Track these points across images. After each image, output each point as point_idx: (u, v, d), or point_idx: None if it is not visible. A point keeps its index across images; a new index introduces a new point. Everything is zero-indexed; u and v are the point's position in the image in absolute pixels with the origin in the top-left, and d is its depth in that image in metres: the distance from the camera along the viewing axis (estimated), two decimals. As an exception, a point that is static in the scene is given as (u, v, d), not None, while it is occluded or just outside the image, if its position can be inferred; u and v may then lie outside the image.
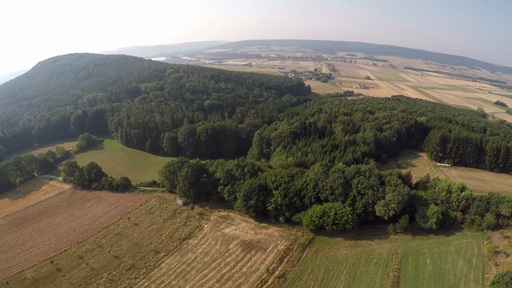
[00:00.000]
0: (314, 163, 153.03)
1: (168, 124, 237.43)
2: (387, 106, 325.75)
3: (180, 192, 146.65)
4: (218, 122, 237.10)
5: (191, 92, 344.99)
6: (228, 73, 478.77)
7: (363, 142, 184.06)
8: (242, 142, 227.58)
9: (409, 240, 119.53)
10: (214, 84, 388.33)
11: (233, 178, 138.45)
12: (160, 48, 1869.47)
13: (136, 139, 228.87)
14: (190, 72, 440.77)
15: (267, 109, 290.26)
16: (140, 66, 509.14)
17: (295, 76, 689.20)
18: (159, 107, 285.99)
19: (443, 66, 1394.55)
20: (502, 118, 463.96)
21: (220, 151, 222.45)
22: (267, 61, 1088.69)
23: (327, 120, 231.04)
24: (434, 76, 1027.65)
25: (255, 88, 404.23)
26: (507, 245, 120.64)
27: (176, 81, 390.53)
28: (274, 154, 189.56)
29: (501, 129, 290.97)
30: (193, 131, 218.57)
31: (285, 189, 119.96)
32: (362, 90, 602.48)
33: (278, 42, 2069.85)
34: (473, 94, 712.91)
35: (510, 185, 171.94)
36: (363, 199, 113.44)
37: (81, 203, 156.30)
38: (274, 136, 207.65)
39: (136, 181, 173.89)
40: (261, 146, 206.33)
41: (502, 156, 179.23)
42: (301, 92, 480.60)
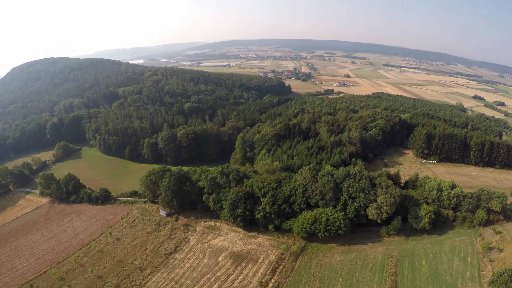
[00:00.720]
0: (301, 166, 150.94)
1: (148, 130, 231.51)
2: (370, 104, 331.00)
3: (163, 202, 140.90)
4: (199, 126, 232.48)
5: (170, 95, 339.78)
6: (207, 74, 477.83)
7: (349, 142, 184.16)
8: (224, 146, 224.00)
9: (403, 242, 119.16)
10: (194, 86, 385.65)
11: (218, 186, 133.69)
12: (138, 51, 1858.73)
13: (115, 147, 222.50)
14: (169, 74, 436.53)
15: (249, 111, 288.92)
16: (118, 70, 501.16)
17: (274, 76, 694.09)
18: (137, 112, 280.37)
19: (421, 62, 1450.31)
20: (481, 112, 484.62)
21: (202, 156, 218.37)
22: (246, 61, 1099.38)
23: (311, 120, 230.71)
24: (412, 72, 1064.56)
25: (235, 89, 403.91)
26: (500, 240, 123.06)
27: (154, 84, 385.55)
28: (259, 158, 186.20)
29: (482, 123, 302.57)
30: (173, 136, 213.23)
31: (273, 196, 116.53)
32: (342, 88, 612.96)
33: (256, 42, 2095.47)
34: (451, 89, 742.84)
35: (496, 179, 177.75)
36: (355, 203, 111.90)
37: (59, 218, 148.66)
38: (257, 139, 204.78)
39: (117, 192, 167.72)
40: (245, 150, 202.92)
41: (487, 150, 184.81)
42: (281, 92, 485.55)
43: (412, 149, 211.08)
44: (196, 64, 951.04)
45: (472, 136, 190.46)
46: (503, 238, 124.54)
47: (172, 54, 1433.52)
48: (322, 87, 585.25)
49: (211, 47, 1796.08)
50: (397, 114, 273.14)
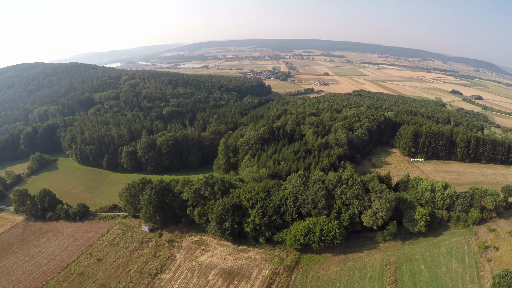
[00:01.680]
0: (288, 172, 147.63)
1: (126, 137, 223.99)
2: (353, 103, 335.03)
3: (145, 217, 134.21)
4: (180, 132, 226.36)
5: (148, 99, 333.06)
6: (186, 77, 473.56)
7: (336, 144, 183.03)
8: (206, 152, 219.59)
9: (400, 247, 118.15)
10: (172, 89, 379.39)
11: (202, 198, 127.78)
12: (115, 54, 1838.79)
13: (92, 156, 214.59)
14: (146, 78, 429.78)
15: (229, 113, 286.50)
16: (94, 74, 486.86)
17: (254, 76, 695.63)
18: (115, 118, 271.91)
19: (398, 59, 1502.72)
20: (460, 106, 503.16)
21: (183, 163, 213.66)
22: (224, 62, 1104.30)
23: (295, 122, 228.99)
24: (390, 69, 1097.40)
25: (215, 91, 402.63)
26: (495, 238, 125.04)
27: (132, 88, 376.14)
28: (243, 164, 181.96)
29: (463, 118, 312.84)
30: (153, 144, 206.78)
31: (263, 206, 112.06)
32: (322, 86, 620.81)
33: (234, 42, 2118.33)
34: (429, 84, 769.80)
35: (483, 175, 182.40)
36: (349, 210, 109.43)
37: (36, 238, 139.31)
38: (241, 143, 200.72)
39: (95, 206, 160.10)
40: (228, 155, 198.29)
41: (473, 146, 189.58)
42: (262, 93, 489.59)
43: (398, 147, 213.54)
44: (174, 66, 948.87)
45: (458, 132, 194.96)
46: (498, 235, 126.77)
47: (149, 56, 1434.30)
48: (302, 86, 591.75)
49: (189, 49, 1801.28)
50: (381, 112, 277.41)
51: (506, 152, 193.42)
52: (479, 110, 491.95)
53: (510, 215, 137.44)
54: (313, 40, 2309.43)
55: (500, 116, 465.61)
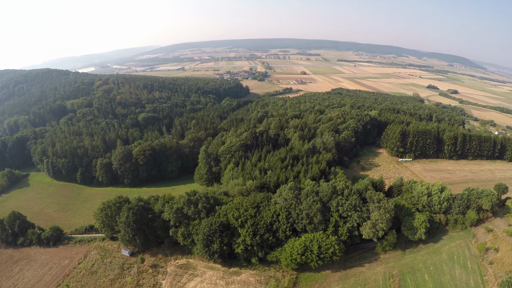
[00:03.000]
0: (277, 183, 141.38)
1: (100, 148, 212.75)
2: (334, 103, 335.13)
3: (124, 240, 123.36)
4: (157, 140, 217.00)
5: (123, 105, 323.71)
6: (161, 80, 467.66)
7: (324, 148, 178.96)
8: (186, 160, 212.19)
9: (401, 257, 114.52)
10: (148, 94, 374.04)
11: (186, 217, 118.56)
12: (88, 58, 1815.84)
13: (65, 170, 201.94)
14: (121, 82, 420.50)
15: (208, 117, 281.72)
16: (66, 81, 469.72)
17: (231, 77, 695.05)
18: (88, 127, 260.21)
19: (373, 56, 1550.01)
20: (437, 101, 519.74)
21: (162, 173, 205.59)
22: (200, 63, 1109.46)
23: (278, 126, 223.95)
24: (366, 66, 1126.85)
25: (192, 95, 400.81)
26: (493, 239, 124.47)
27: (105, 94, 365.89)
28: (226, 173, 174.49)
29: (444, 114, 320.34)
30: (129, 154, 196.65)
31: (253, 225, 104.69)
32: (300, 85, 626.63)
33: (210, 43, 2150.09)
34: (406, 80, 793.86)
35: (472, 172, 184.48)
36: (347, 224, 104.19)
37: (8, 268, 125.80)
38: (222, 151, 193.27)
39: (70, 227, 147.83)
40: (209, 164, 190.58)
41: (460, 143, 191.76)
42: (240, 94, 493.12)
43: (386, 147, 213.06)
44: (150, 69, 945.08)
45: (445, 130, 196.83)
46: (496, 236, 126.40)
47: (124, 60, 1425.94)
48: (280, 86, 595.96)
49: (164, 51, 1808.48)
50: (364, 111, 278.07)
51: (492, 148, 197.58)
52: (456, 104, 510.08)
53: (505, 213, 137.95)
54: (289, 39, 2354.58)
55: (476, 109, 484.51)
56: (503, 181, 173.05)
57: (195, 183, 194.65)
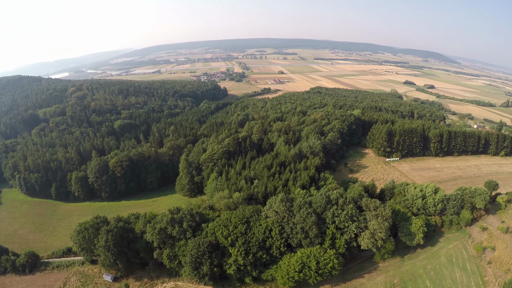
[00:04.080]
0: (265, 194, 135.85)
1: (74, 160, 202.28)
2: (316, 103, 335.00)
3: (105, 265, 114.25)
4: (134, 150, 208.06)
5: (97, 113, 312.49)
6: (137, 84, 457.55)
7: (311, 152, 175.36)
8: (166, 170, 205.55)
9: (400, 264, 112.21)
10: (123, 99, 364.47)
11: (170, 238, 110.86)
12: (62, 63, 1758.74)
13: (38, 186, 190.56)
14: (95, 88, 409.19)
15: (187, 122, 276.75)
16: (38, 88, 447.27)
17: (208, 79, 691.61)
18: (61, 138, 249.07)
19: (350, 54, 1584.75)
20: (415, 96, 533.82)
21: (142, 185, 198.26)
22: (176, 65, 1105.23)
23: (261, 130, 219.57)
24: (343, 63, 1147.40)
25: (169, 98, 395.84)
26: (489, 238, 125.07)
27: (79, 101, 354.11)
28: (209, 183, 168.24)
29: (425, 110, 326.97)
30: (105, 166, 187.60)
31: (245, 243, 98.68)
32: (278, 85, 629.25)
33: (186, 45, 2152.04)
34: (383, 76, 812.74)
35: (459, 168, 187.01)
36: (345, 235, 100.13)
37: None
38: (204, 159, 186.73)
39: (47, 250, 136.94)
40: (191, 174, 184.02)
41: (445, 140, 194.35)
42: (218, 96, 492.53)
43: (372, 148, 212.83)
44: (125, 73, 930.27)
45: (430, 128, 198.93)
46: (491, 234, 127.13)
47: (99, 64, 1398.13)
48: (258, 87, 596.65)
49: (139, 54, 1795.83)
50: (347, 111, 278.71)
51: (477, 143, 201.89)
52: (434, 98, 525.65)
53: (497, 210, 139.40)
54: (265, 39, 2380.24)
55: (453, 103, 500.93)
56: (490, 176, 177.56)
57: (177, 193, 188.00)
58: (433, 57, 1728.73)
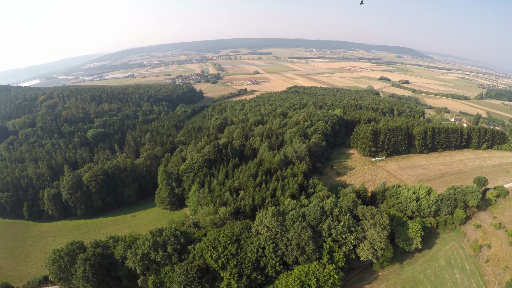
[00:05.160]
0: (253, 206, 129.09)
1: (46, 176, 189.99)
2: (295, 103, 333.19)
3: None
4: (109, 162, 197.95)
5: (69, 122, 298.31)
6: (110, 90, 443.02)
7: (296, 157, 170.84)
8: (144, 181, 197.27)
9: (400, 271, 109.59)
10: (96, 107, 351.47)
11: (154, 263, 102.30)
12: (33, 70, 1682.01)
13: (9, 206, 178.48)
14: (66, 96, 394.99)
15: (163, 128, 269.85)
16: (7, 97, 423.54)
17: (183, 81, 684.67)
18: (31, 151, 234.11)
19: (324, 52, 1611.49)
20: (391, 92, 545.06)
21: (119, 199, 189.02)
22: (150, 69, 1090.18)
23: (242, 135, 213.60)
24: (318, 62, 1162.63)
25: (144, 104, 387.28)
26: (483, 235, 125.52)
27: (50, 110, 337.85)
28: (191, 195, 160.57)
29: (404, 106, 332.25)
30: (79, 182, 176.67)
31: (237, 265, 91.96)
32: (254, 85, 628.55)
33: (159, 47, 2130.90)
34: (358, 73, 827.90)
35: (445, 164, 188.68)
36: (343, 248, 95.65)
37: None
38: (184, 169, 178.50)
39: (22, 279, 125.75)
40: (171, 186, 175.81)
41: (429, 137, 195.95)
42: (194, 99, 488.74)
43: (356, 148, 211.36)
44: (98, 78, 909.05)
45: (413, 125, 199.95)
46: (485, 231, 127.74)
47: (70, 69, 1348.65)
48: (234, 88, 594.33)
49: (112, 58, 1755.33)
50: (329, 110, 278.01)
51: (459, 138, 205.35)
52: (409, 93, 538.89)
53: (487, 206, 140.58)
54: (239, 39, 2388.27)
55: (429, 97, 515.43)
56: (475, 171, 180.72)
57: (157, 207, 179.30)
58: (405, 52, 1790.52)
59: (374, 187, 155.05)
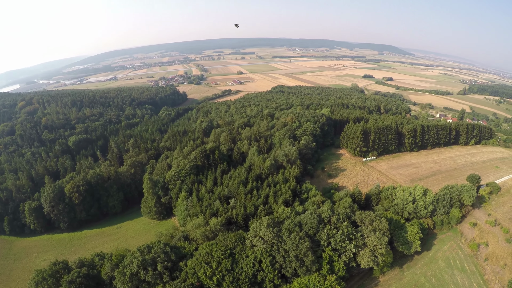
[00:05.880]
0: (245, 215, 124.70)
1: (26, 188, 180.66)
2: (281, 103, 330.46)
3: None
4: (91, 171, 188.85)
5: (49, 129, 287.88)
6: (92, 94, 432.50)
7: (287, 161, 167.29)
8: (129, 190, 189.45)
9: (401, 276, 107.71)
10: (77, 112, 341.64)
11: (144, 282, 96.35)
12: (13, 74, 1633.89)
13: None
14: (46, 101, 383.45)
15: (147, 133, 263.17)
16: None
17: (166, 83, 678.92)
18: (10, 162, 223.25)
19: (307, 50, 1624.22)
20: (375, 89, 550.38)
21: (103, 210, 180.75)
22: (133, 71, 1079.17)
23: (229, 139, 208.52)
24: (301, 60, 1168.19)
25: (127, 108, 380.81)
26: (480, 233, 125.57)
27: (29, 117, 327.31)
28: (179, 204, 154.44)
29: (390, 103, 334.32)
30: (61, 193, 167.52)
31: (233, 281, 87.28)
32: (239, 86, 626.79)
33: (141, 49, 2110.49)
34: (342, 71, 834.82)
35: (436, 162, 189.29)
36: (343, 257, 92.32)
37: None
38: (170, 177, 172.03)
39: None
40: (157, 194, 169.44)
41: (419, 135, 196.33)
42: (177, 101, 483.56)
43: (346, 148, 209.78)
44: (79, 82, 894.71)
45: (403, 123, 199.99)
46: (481, 229, 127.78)
47: (52, 73, 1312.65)
48: (218, 89, 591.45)
49: (94, 60, 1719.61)
50: (315, 110, 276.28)
51: (448, 135, 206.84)
52: (394, 90, 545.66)
53: (481, 203, 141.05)
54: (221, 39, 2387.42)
55: (413, 93, 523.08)
56: (466, 168, 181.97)
57: (143, 216, 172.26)
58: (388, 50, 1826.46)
59: (368, 188, 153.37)
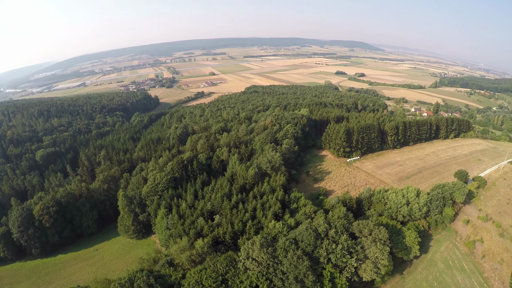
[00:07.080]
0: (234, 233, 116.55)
1: None
2: (258, 104, 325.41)
3: None
4: (61, 189, 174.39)
5: (15, 143, 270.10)
6: (60, 103, 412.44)
7: (271, 168, 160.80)
8: (104, 208, 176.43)
9: (402, 283, 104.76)
10: (44, 122, 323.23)
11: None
12: None
13: None
14: (12, 112, 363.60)
15: (119, 142, 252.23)
16: None
17: (137, 87, 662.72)
18: None
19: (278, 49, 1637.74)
20: (349, 86, 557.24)
21: (77, 231, 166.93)
22: (102, 76, 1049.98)
23: (207, 146, 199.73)
24: (273, 59, 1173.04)
25: (97, 115, 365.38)
26: (474, 230, 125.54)
27: None
28: (158, 222, 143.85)
29: (367, 100, 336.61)
30: (29, 216, 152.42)
31: (229, 311, 79.67)
32: (211, 87, 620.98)
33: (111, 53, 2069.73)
34: (314, 69, 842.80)
35: (420, 158, 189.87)
36: (344, 272, 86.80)
37: None
38: (147, 192, 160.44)
39: None
40: (134, 212, 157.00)
41: (401, 132, 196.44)
42: (149, 106, 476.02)
43: (329, 149, 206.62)
44: (47, 89, 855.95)
45: (385, 121, 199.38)
46: (474, 226, 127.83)
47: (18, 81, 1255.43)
48: (190, 91, 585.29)
49: (62, 66, 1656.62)
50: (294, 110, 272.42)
51: (429, 130, 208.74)
52: (367, 86, 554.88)
53: (471, 199, 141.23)
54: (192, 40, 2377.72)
55: (386, 88, 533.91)
56: (450, 162, 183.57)
57: (121, 236, 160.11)
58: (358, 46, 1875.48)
59: (356, 191, 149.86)
